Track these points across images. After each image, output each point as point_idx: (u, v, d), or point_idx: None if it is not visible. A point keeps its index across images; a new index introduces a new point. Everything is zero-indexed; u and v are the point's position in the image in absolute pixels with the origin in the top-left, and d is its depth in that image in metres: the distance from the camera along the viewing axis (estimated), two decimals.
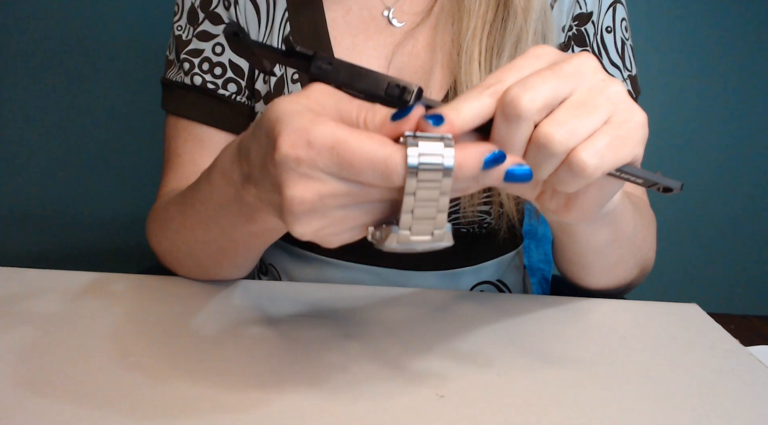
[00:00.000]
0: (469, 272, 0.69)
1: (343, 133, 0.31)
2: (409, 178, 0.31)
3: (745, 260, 2.01)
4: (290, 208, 0.32)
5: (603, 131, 0.35)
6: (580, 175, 0.35)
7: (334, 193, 0.32)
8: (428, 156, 0.31)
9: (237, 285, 0.57)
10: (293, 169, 0.31)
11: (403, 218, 0.33)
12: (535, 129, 0.34)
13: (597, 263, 0.55)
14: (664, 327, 0.53)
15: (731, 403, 0.42)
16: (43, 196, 1.78)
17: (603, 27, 0.64)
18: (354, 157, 0.31)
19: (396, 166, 0.31)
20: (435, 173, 0.31)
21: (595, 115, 0.35)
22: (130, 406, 0.38)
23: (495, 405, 0.40)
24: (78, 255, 1.81)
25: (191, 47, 0.65)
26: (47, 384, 0.40)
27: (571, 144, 0.34)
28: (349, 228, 0.34)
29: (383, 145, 0.31)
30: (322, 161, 0.31)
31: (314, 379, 0.42)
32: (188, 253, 0.54)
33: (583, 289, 0.61)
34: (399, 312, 0.53)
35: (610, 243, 0.51)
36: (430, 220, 0.33)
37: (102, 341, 0.46)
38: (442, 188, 0.32)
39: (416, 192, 0.32)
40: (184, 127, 0.65)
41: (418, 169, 0.31)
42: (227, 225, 0.45)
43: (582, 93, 0.35)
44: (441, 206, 0.33)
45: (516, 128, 0.34)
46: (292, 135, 0.31)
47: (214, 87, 0.64)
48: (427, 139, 0.32)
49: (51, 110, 1.72)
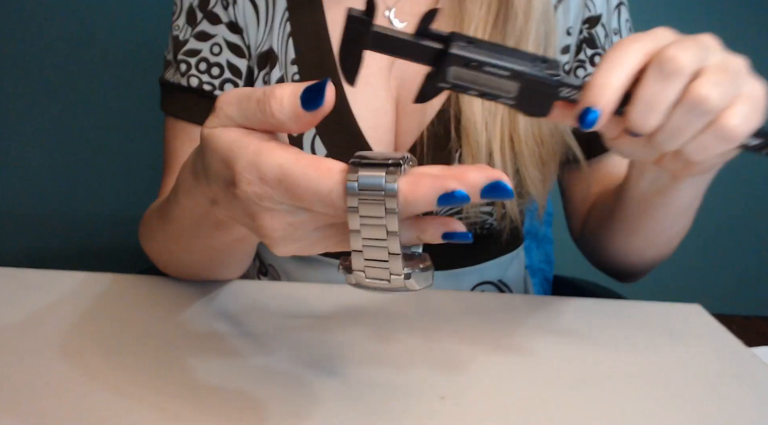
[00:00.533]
0: (471, 272, 0.68)
1: (288, 165, 0.29)
2: (351, 214, 0.29)
3: (748, 260, 2.00)
4: (264, 234, 0.32)
5: (744, 97, 0.35)
6: (728, 138, 0.35)
7: (302, 221, 0.31)
8: (368, 191, 0.28)
9: (236, 285, 0.56)
10: (257, 203, 0.31)
11: (354, 259, 0.30)
12: (687, 89, 0.35)
13: (669, 229, 0.56)
14: (667, 327, 0.53)
15: (734, 404, 0.42)
16: (43, 196, 1.78)
17: (611, 29, 0.64)
18: (299, 190, 0.29)
19: (340, 200, 0.29)
20: (377, 208, 0.28)
21: (738, 82, 0.35)
22: (128, 406, 0.38)
23: (496, 406, 0.40)
24: (77, 255, 1.81)
25: (188, 47, 0.64)
26: (45, 384, 0.40)
27: (722, 105, 0.35)
28: (332, 243, 0.34)
29: (328, 177, 0.29)
30: (277, 195, 0.30)
31: (314, 380, 0.42)
32: (178, 260, 0.54)
33: (621, 269, 0.64)
34: (399, 313, 0.52)
35: (692, 204, 0.52)
36: (382, 263, 0.30)
37: (101, 341, 0.46)
38: (388, 227, 0.29)
39: (360, 230, 0.29)
40: (182, 128, 0.65)
41: (359, 205, 0.28)
42: (206, 237, 0.44)
43: (721, 61, 0.35)
44: (392, 249, 0.29)
45: (672, 85, 0.34)
46: (245, 172, 0.30)
47: (211, 88, 0.64)
48: (369, 168, 0.28)
49: (51, 110, 1.72)
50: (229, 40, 0.64)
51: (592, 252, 0.68)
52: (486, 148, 0.58)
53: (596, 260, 0.68)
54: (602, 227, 0.62)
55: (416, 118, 0.62)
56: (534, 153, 0.59)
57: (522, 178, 0.60)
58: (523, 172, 0.59)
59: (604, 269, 0.68)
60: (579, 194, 0.69)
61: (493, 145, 0.58)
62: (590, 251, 0.68)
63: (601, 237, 0.63)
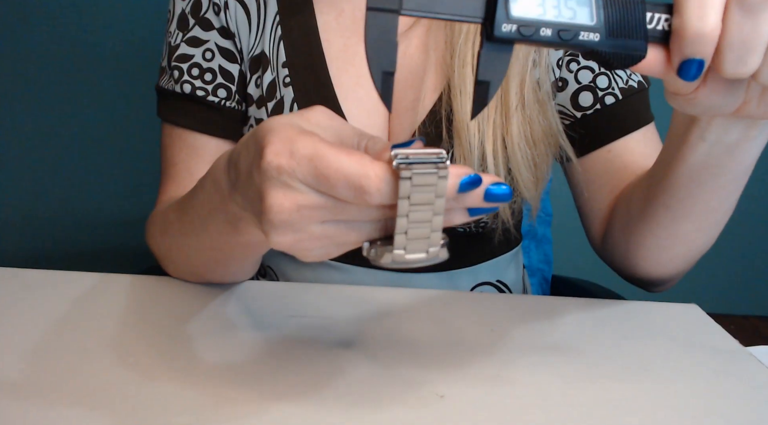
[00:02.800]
0: (467, 273, 0.68)
1: (323, 147, 0.31)
2: (401, 201, 0.31)
3: (745, 260, 2.00)
4: (269, 215, 0.32)
5: None
6: None
7: (312, 205, 0.32)
8: (421, 176, 0.30)
9: (236, 286, 0.57)
10: (275, 177, 0.32)
11: (397, 239, 0.32)
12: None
13: (725, 201, 0.51)
14: (664, 327, 0.53)
15: (731, 404, 0.42)
16: (43, 196, 1.78)
17: None
18: (329, 170, 0.31)
19: (369, 185, 0.31)
20: (428, 195, 0.31)
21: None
22: (129, 407, 0.38)
23: (495, 406, 0.40)
24: (78, 255, 1.81)
25: (180, 52, 0.64)
26: (46, 384, 0.40)
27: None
28: (326, 245, 0.34)
29: (360, 164, 0.31)
30: (301, 171, 0.31)
31: (314, 380, 0.42)
32: (184, 259, 0.54)
33: (657, 271, 0.59)
34: (398, 313, 0.53)
35: (751, 165, 0.47)
36: (424, 240, 0.33)
37: (101, 341, 0.46)
38: (435, 209, 0.31)
39: (409, 214, 0.31)
40: (179, 135, 0.65)
41: (410, 193, 0.30)
42: (215, 233, 0.45)
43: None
44: (434, 226, 0.32)
45: (764, 19, 0.31)
46: (278, 144, 0.32)
47: (204, 93, 0.64)
48: (420, 165, 0.30)
49: (51, 110, 1.72)
50: (221, 45, 0.64)
51: (622, 258, 0.62)
52: (479, 150, 0.58)
53: (627, 264, 0.62)
54: (638, 222, 0.57)
55: (408, 118, 0.62)
56: (526, 155, 0.59)
57: (514, 179, 0.60)
58: (515, 173, 0.59)
59: (633, 275, 0.62)
60: (594, 197, 0.65)
61: (485, 146, 0.58)
62: (619, 257, 0.62)
63: (636, 236, 0.58)
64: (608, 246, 0.65)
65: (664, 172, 0.51)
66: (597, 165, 0.64)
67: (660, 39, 0.32)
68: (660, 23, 0.32)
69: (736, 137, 0.43)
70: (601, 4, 0.31)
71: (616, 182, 0.63)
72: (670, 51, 0.33)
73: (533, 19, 0.30)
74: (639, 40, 0.32)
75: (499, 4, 0.29)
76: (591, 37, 0.31)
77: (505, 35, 0.30)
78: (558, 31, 0.30)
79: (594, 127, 0.63)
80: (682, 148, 0.46)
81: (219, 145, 0.65)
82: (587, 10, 0.31)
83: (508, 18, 0.30)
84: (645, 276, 0.61)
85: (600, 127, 0.63)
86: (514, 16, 0.30)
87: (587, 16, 0.31)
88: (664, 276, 0.60)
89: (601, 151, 0.63)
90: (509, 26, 0.30)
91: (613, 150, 0.63)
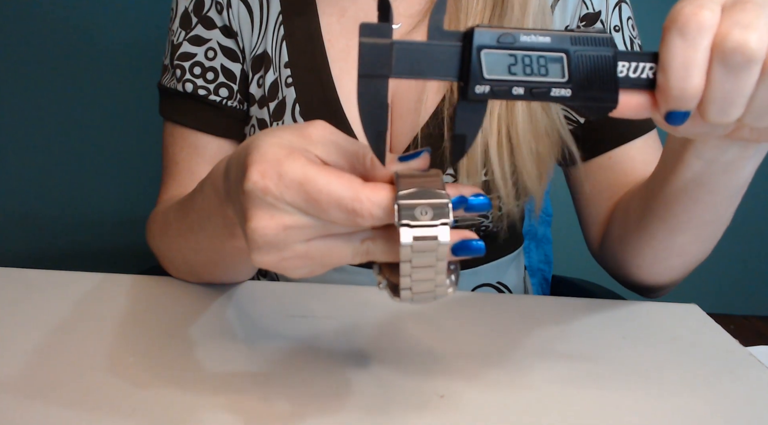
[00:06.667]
0: (467, 274, 0.68)
1: (312, 170, 0.31)
2: (403, 264, 0.31)
3: (745, 260, 2.00)
4: (252, 236, 0.32)
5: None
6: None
7: (298, 226, 0.32)
8: (422, 234, 0.30)
9: (237, 286, 0.57)
10: (260, 197, 0.32)
11: (402, 281, 0.32)
12: (715, 39, 0.31)
13: (722, 215, 0.51)
14: (664, 327, 0.53)
15: (731, 403, 0.42)
16: (43, 196, 1.78)
17: (611, 26, 0.64)
18: (321, 195, 0.31)
19: (362, 209, 0.31)
20: (429, 259, 0.31)
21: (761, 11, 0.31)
22: (129, 407, 0.38)
23: (495, 405, 0.40)
24: (78, 255, 1.81)
25: (182, 51, 0.64)
26: (47, 384, 0.40)
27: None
28: (310, 264, 0.34)
29: (351, 188, 0.31)
30: (290, 195, 0.31)
31: (313, 379, 0.42)
32: (183, 260, 0.54)
33: (652, 278, 0.59)
34: (398, 313, 0.53)
35: (748, 180, 0.48)
36: (429, 292, 0.33)
37: (101, 341, 0.46)
38: (437, 269, 0.31)
39: (411, 274, 0.31)
40: (180, 134, 0.65)
41: (411, 257, 0.30)
42: (213, 236, 0.45)
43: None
44: (438, 281, 0.32)
45: (746, 77, 0.31)
46: (264, 164, 0.32)
47: (205, 92, 0.64)
48: (420, 228, 0.30)
49: (51, 110, 1.72)
50: (223, 44, 0.64)
51: (618, 265, 0.62)
52: (482, 146, 0.58)
53: (623, 272, 0.62)
54: (634, 232, 0.57)
55: (410, 120, 0.62)
56: (531, 149, 0.59)
57: (519, 174, 0.60)
58: (521, 167, 0.59)
59: (630, 282, 0.63)
60: (593, 202, 0.66)
61: (489, 141, 0.58)
62: (616, 263, 0.63)
63: (633, 245, 0.58)
64: (605, 252, 0.65)
65: (660, 186, 0.51)
66: (597, 171, 0.64)
67: (646, 86, 0.33)
68: (644, 72, 0.33)
69: (732, 156, 0.43)
70: (573, 60, 0.32)
71: (616, 189, 0.63)
72: (656, 98, 0.33)
73: (505, 79, 0.31)
74: (610, 92, 0.32)
75: (473, 66, 0.31)
76: (563, 93, 0.32)
77: (479, 96, 0.31)
78: (530, 89, 0.31)
79: (596, 133, 0.63)
80: (677, 165, 0.47)
81: (220, 144, 0.65)
82: (558, 67, 0.31)
83: (482, 79, 0.31)
84: (641, 283, 0.61)
85: (602, 134, 0.63)
86: (488, 78, 0.31)
87: (559, 72, 0.32)
88: (660, 283, 0.60)
89: (602, 157, 0.64)
90: (482, 87, 0.31)
91: (614, 157, 0.63)
